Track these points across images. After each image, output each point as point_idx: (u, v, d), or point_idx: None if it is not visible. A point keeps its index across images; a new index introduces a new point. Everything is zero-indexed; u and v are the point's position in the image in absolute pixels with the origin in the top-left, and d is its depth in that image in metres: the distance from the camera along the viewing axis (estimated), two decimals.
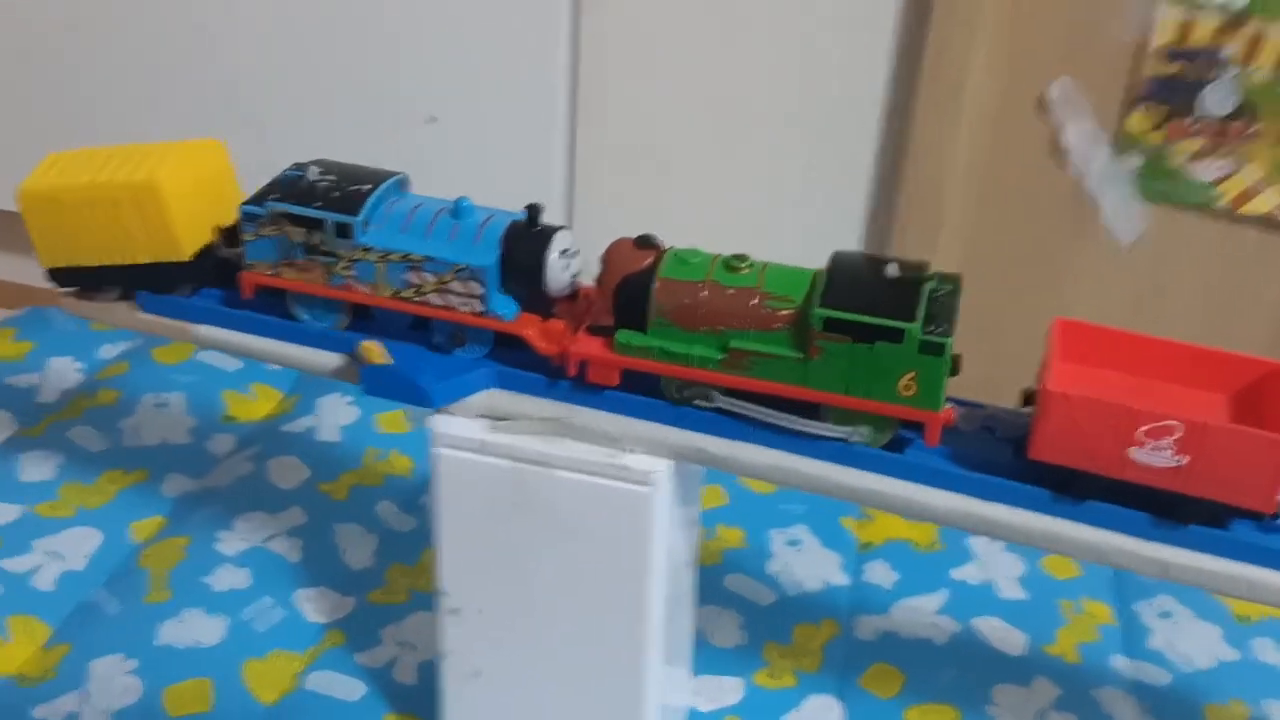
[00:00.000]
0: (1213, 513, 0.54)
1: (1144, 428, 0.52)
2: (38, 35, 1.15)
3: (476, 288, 0.60)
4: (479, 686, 0.68)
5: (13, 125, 1.20)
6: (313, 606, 0.83)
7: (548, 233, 0.61)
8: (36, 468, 0.94)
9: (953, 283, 0.57)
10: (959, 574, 0.88)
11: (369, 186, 0.62)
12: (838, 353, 0.55)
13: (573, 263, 0.62)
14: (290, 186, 0.63)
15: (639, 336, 0.58)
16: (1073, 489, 0.55)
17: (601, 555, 0.62)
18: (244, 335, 0.65)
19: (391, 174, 0.65)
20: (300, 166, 0.64)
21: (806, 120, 1.04)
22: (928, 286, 0.55)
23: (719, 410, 0.59)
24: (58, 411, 1.01)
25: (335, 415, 1.01)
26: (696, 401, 0.59)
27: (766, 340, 0.57)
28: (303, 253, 0.62)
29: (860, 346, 0.55)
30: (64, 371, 1.07)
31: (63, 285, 0.69)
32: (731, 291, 0.57)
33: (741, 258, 0.58)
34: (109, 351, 1.10)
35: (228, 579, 0.84)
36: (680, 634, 0.72)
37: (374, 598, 0.84)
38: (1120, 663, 0.82)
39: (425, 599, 0.84)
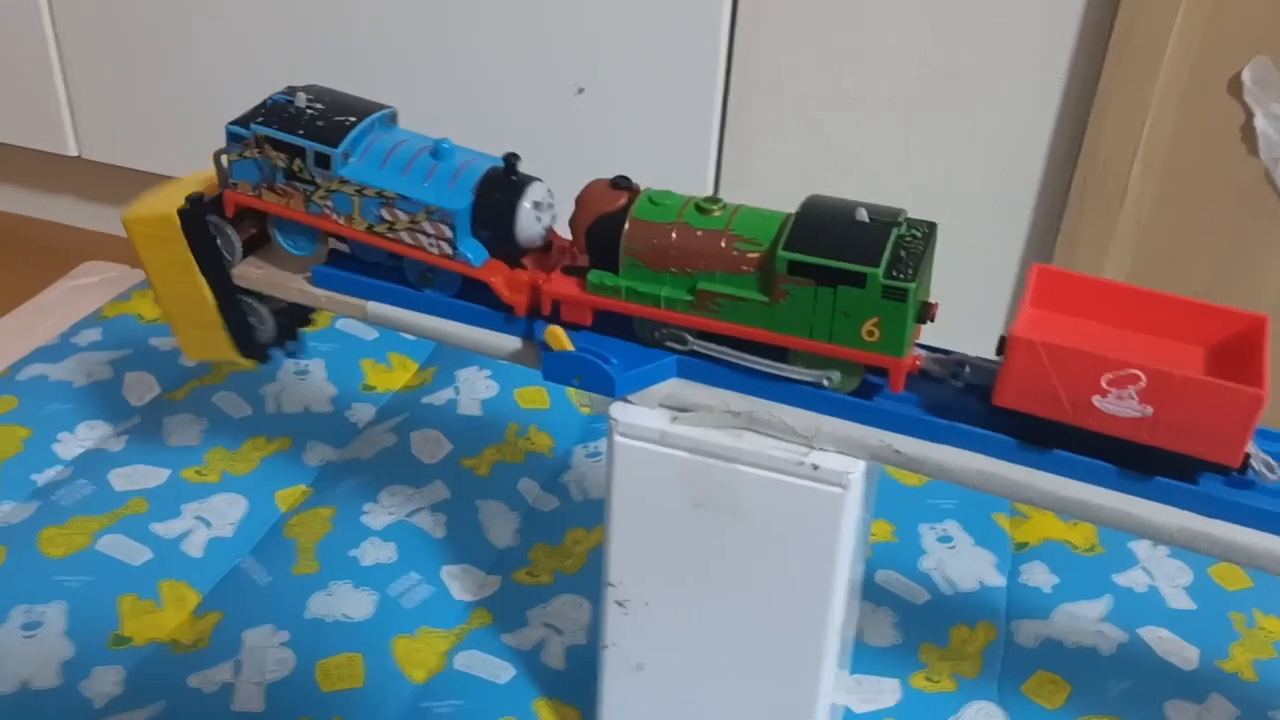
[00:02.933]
0: (1180, 466, 0.52)
1: (1108, 376, 0.50)
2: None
3: (446, 230, 0.60)
4: (641, 680, 0.66)
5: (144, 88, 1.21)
6: (459, 584, 0.82)
7: (523, 182, 0.60)
8: (182, 432, 0.94)
9: (923, 229, 0.56)
10: (1122, 579, 0.84)
11: (354, 119, 0.62)
12: (802, 296, 0.55)
13: (545, 215, 0.61)
14: (276, 112, 0.63)
15: (610, 277, 0.59)
16: (1039, 438, 0.54)
17: (784, 554, 0.59)
18: (419, 315, 0.64)
19: (381, 107, 0.64)
20: (291, 91, 0.64)
21: (977, 93, 0.99)
22: (895, 232, 0.54)
23: (693, 353, 0.59)
24: (200, 376, 1.01)
25: (475, 389, 1.00)
26: (669, 344, 0.59)
27: (733, 282, 0.56)
28: (284, 178, 0.63)
29: (823, 290, 0.54)
30: None
31: None
32: (700, 233, 0.57)
33: (714, 200, 0.58)
34: None
35: (374, 553, 0.83)
36: (846, 631, 0.69)
37: (519, 578, 0.83)
38: None
39: (570, 581, 0.83)
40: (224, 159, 0.65)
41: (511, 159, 0.61)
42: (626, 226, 0.58)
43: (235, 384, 0.99)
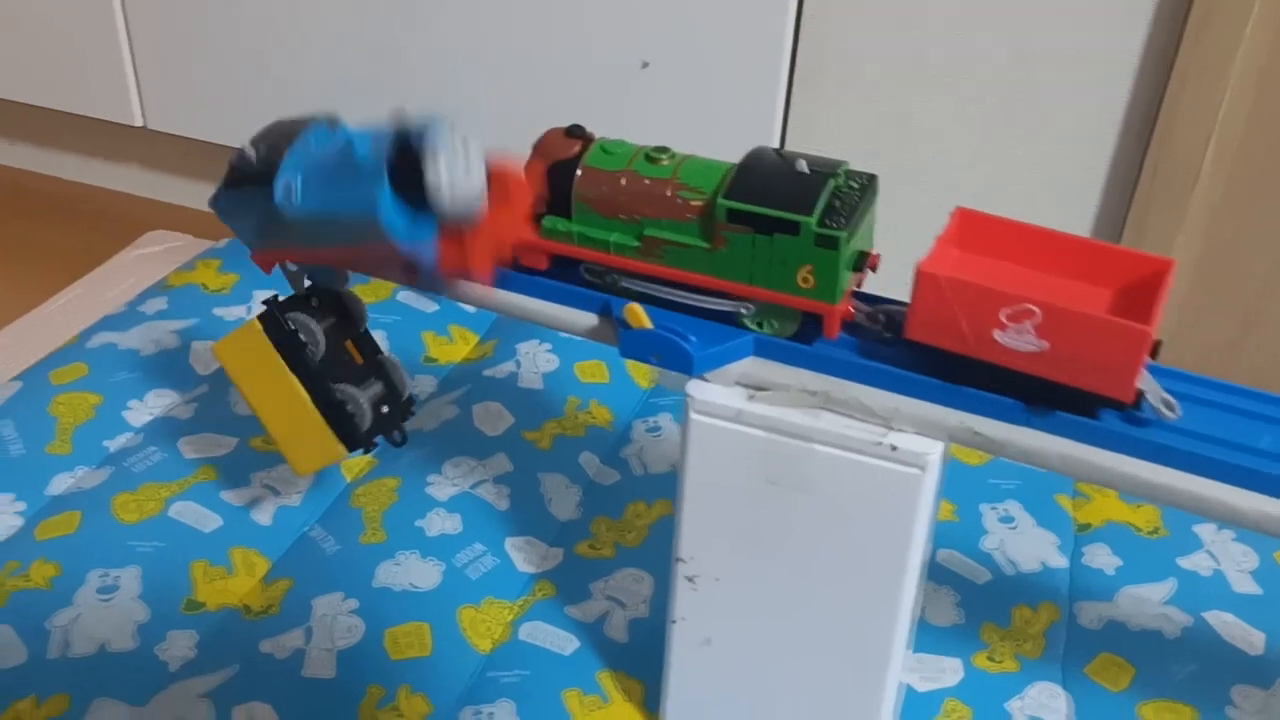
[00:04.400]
0: (1078, 400, 0.54)
1: (1006, 311, 0.52)
2: None
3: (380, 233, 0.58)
4: (708, 654, 0.67)
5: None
6: (522, 556, 0.83)
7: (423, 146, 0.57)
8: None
9: (862, 180, 0.57)
10: (1186, 563, 0.84)
11: (283, 150, 0.61)
12: (740, 243, 0.57)
13: (463, 167, 0.58)
14: (233, 174, 0.65)
15: (563, 222, 0.60)
16: (949, 372, 0.56)
17: (858, 534, 0.59)
18: (498, 292, 0.64)
19: (306, 121, 0.62)
20: (243, 147, 0.65)
21: (1051, 70, 0.98)
22: (832, 183, 0.56)
23: (632, 293, 0.61)
24: None
25: (536, 363, 1.00)
26: (622, 285, 0.61)
27: (678, 229, 0.58)
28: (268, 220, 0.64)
29: (761, 238, 0.56)
30: None
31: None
32: (648, 181, 0.59)
33: (663, 150, 0.59)
34: None
35: (440, 524, 0.84)
36: (913, 611, 0.70)
37: (581, 550, 0.84)
38: None
39: (632, 555, 0.83)
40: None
41: (407, 132, 0.58)
42: (578, 174, 0.60)
43: None
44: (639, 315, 0.59)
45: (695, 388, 0.60)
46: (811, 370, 0.59)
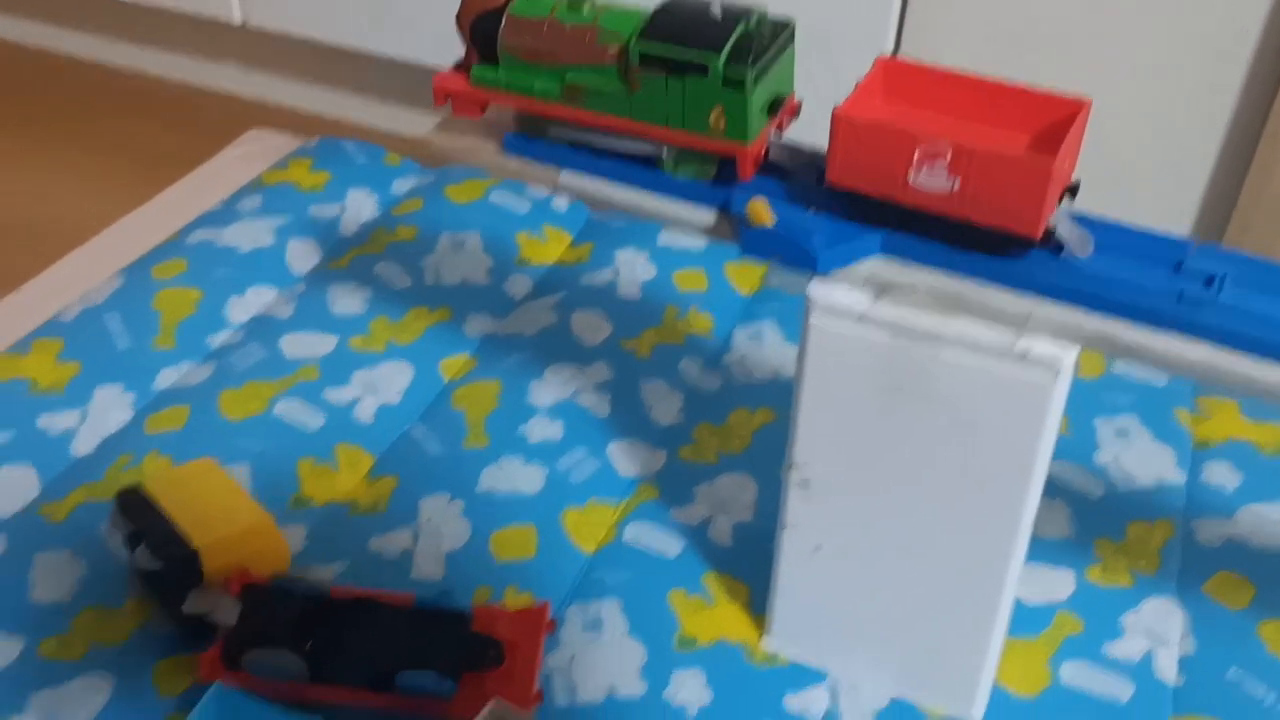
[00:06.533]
0: (990, 240, 0.55)
1: (919, 151, 0.53)
2: None
3: None
4: (818, 561, 0.66)
5: None
6: (625, 460, 0.82)
7: None
8: (346, 300, 0.95)
9: (776, 26, 0.58)
10: None
11: None
12: (654, 86, 0.58)
13: None
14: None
15: (491, 71, 0.62)
16: (868, 216, 0.57)
17: (982, 443, 0.58)
18: (612, 185, 0.62)
19: None
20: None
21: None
22: (742, 26, 0.57)
23: (563, 140, 0.62)
24: (360, 245, 1.02)
25: (634, 271, 0.99)
26: (553, 133, 0.63)
27: (597, 74, 0.60)
28: None
29: (673, 80, 0.57)
30: (361, 204, 1.08)
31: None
32: (569, 28, 0.60)
33: None
34: (401, 186, 1.10)
35: (541, 430, 0.84)
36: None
37: (684, 455, 0.83)
38: None
39: (735, 461, 0.82)
40: None
41: None
42: (504, 22, 0.61)
43: (395, 254, 1.00)
44: (760, 212, 0.57)
45: (816, 289, 0.58)
46: (941, 270, 0.57)
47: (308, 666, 0.63)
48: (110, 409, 0.85)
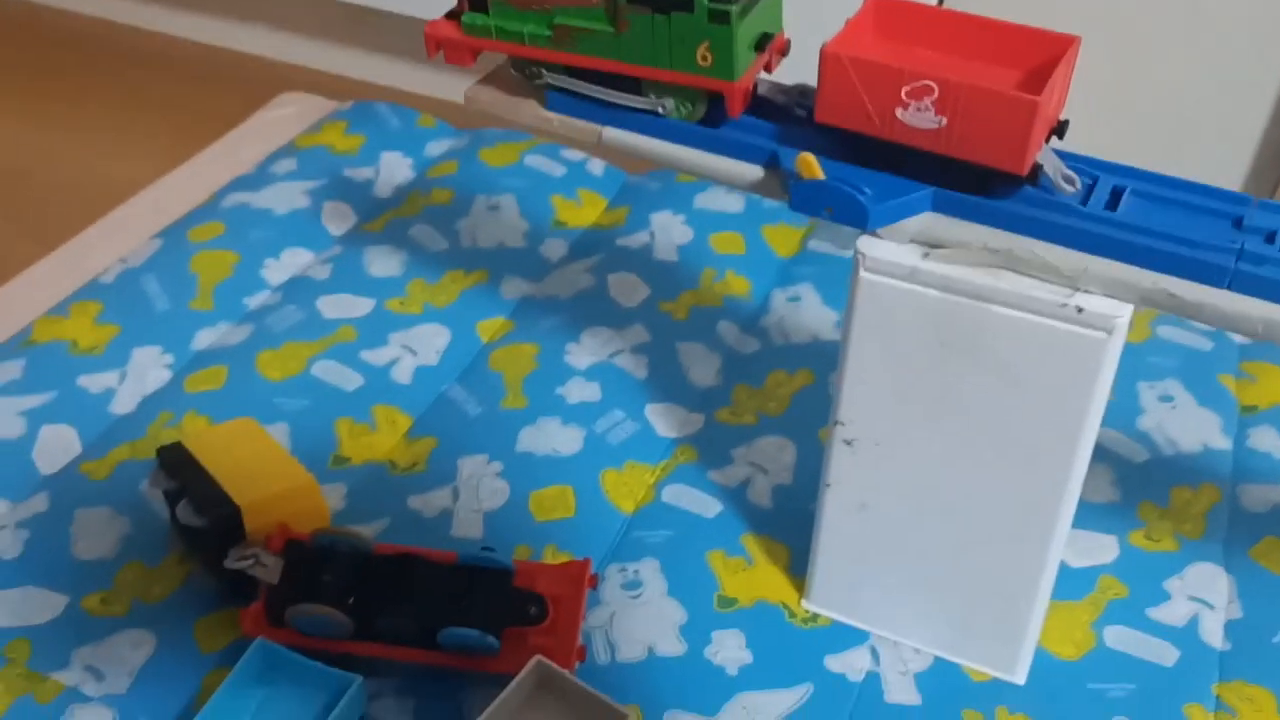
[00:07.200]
0: (977, 177, 0.55)
1: (907, 88, 0.53)
2: None
3: None
4: (862, 520, 0.66)
5: None
6: (663, 422, 0.82)
7: None
8: (383, 262, 0.95)
9: None
10: None
11: None
12: (642, 25, 0.59)
13: None
14: None
15: (481, 17, 0.62)
16: (858, 154, 0.57)
17: (1033, 400, 0.57)
18: (657, 142, 0.61)
19: None
20: None
21: None
22: None
23: (554, 87, 0.63)
24: (396, 208, 1.01)
25: (670, 234, 0.98)
26: (536, 82, 0.63)
27: (585, 16, 0.60)
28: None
29: (659, 18, 0.58)
30: (396, 167, 1.07)
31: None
32: None
33: None
34: (435, 149, 1.10)
35: (579, 392, 0.83)
36: None
37: (722, 417, 0.82)
38: None
39: (773, 423, 0.82)
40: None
41: None
42: None
43: (430, 217, 1.00)
44: (811, 165, 0.56)
45: (866, 244, 0.57)
46: (991, 226, 0.56)
47: (352, 622, 0.63)
48: (149, 369, 0.85)
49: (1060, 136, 0.56)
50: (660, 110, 0.61)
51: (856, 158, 0.57)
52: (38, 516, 0.74)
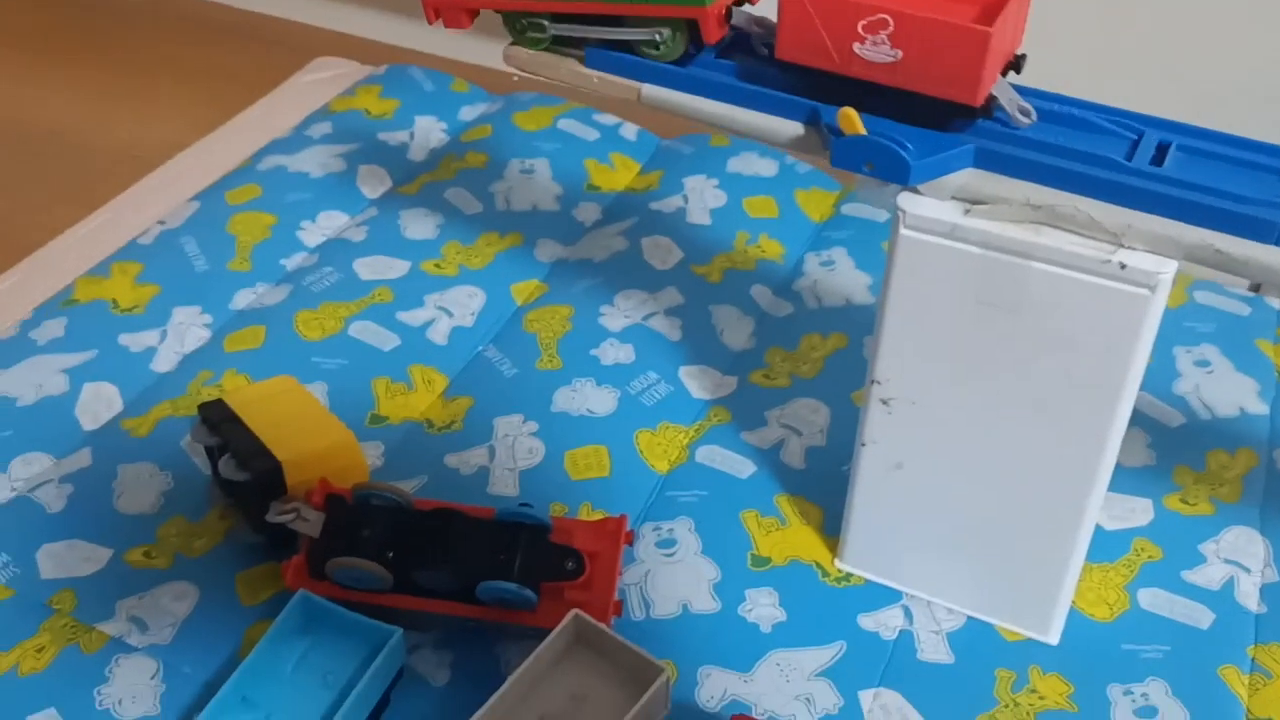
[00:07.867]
0: (934, 110, 0.56)
1: (863, 22, 0.54)
2: None
3: None
4: (898, 480, 0.66)
5: None
6: (696, 384, 0.82)
7: None
8: (418, 225, 0.95)
9: None
10: None
11: None
12: None
13: None
14: None
15: None
16: (820, 91, 0.58)
17: (1074, 358, 0.57)
18: (695, 99, 0.61)
19: None
20: None
21: None
22: None
23: (554, 39, 0.64)
24: (431, 171, 1.02)
25: (704, 198, 0.98)
26: (530, 35, 0.64)
27: None
28: None
29: None
30: (430, 131, 1.07)
31: None
32: None
33: None
34: (469, 113, 1.10)
35: (613, 354, 0.84)
36: None
37: (755, 379, 0.83)
38: None
39: (807, 385, 0.82)
40: None
41: None
42: None
43: (465, 180, 1.00)
44: (853, 120, 0.56)
45: (907, 200, 0.57)
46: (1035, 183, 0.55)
47: (391, 576, 0.64)
48: (189, 328, 0.86)
49: (1018, 71, 0.57)
50: (657, 37, 0.61)
51: (816, 93, 0.58)
52: (82, 471, 0.75)
